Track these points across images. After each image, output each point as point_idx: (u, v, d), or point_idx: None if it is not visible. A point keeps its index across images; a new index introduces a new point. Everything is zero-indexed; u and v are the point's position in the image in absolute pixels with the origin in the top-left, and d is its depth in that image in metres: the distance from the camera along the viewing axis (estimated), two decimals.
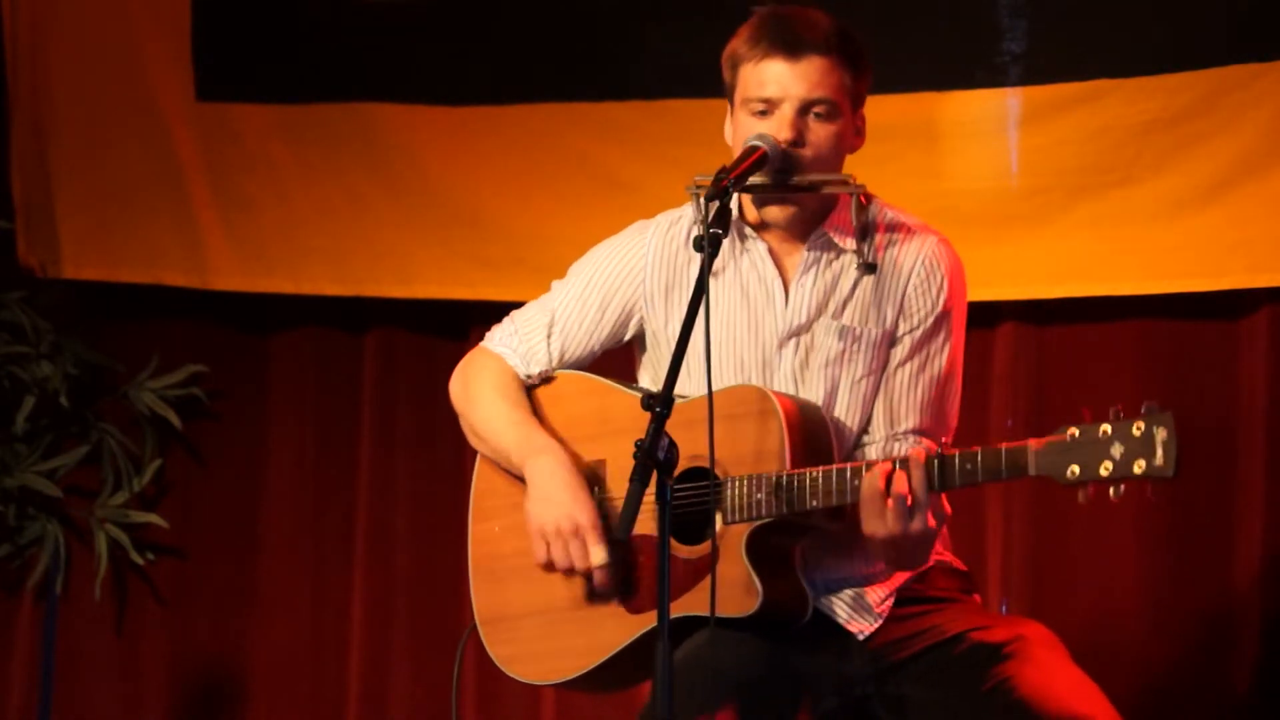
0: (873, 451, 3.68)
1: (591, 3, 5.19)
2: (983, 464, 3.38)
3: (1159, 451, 3.25)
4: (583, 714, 5.25)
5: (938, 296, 3.69)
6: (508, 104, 5.25)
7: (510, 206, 5.25)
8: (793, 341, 3.69)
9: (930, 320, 3.69)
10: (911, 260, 3.69)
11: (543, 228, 5.18)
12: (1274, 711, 4.72)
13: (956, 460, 3.39)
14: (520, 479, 3.74)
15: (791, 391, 3.67)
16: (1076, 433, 3.31)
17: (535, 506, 3.68)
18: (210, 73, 5.47)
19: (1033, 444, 3.35)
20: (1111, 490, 3.29)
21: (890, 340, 3.69)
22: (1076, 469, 3.30)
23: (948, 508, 3.49)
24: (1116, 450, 3.27)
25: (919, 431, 3.68)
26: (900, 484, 3.40)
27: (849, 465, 3.48)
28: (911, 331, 3.69)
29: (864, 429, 3.69)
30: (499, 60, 5.26)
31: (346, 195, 5.38)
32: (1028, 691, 3.48)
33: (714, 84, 3.78)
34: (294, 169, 5.42)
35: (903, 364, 3.69)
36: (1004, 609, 4.84)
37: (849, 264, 3.69)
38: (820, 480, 3.49)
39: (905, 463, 3.42)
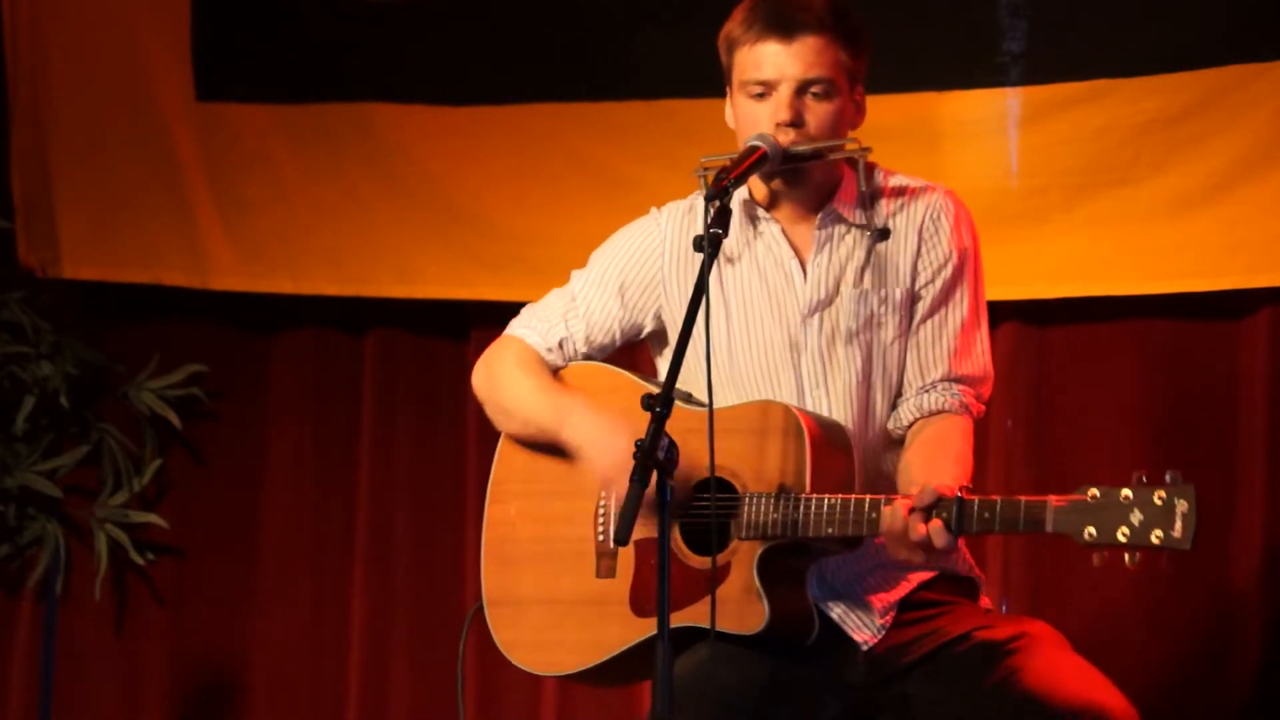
0: (907, 407, 3.69)
1: (591, 3, 5.19)
2: (1001, 514, 3.36)
3: (1178, 523, 3.24)
4: (583, 711, 5.25)
5: (949, 244, 3.72)
6: (507, 104, 5.25)
7: (510, 206, 5.25)
8: (816, 317, 3.69)
9: (948, 269, 3.72)
10: (920, 215, 3.72)
11: (543, 228, 5.18)
12: (1273, 712, 4.72)
13: (975, 507, 3.37)
14: (544, 456, 3.73)
15: (822, 367, 3.68)
16: (1097, 494, 3.29)
17: (592, 457, 3.66)
18: (210, 73, 5.47)
19: (1053, 500, 3.33)
20: (1127, 557, 3.27)
21: (913, 298, 3.71)
22: (1094, 531, 3.28)
23: None
24: (1135, 517, 3.26)
25: (952, 380, 3.70)
26: (919, 528, 3.38)
27: (868, 497, 3.47)
28: (930, 283, 3.71)
29: (898, 393, 3.71)
30: (498, 60, 5.26)
31: (346, 195, 5.38)
32: (1035, 683, 3.47)
33: (714, 84, 3.78)
34: (294, 169, 5.42)
35: (927, 317, 3.71)
36: (1004, 608, 4.83)
37: (861, 235, 3.71)
38: (839, 509, 3.47)
39: (926, 508, 3.39)
